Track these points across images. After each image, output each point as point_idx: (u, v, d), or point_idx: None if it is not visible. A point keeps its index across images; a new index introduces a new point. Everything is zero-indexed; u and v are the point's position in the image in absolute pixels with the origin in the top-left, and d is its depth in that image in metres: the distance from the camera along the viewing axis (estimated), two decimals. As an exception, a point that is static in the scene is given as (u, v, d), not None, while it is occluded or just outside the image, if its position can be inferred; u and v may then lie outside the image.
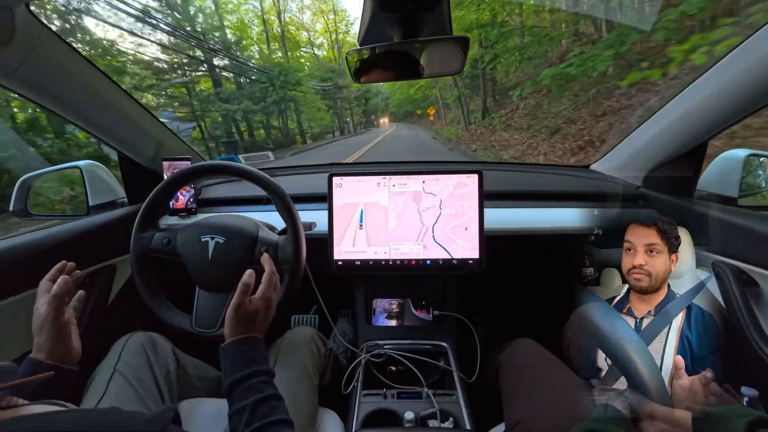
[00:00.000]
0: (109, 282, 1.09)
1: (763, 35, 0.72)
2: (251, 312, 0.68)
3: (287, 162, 7.18)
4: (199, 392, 0.92)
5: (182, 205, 1.22)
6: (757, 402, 0.71)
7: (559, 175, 1.40)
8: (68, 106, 0.93)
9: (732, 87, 0.81)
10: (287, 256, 0.83)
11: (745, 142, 2.74)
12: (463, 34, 0.71)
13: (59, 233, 0.97)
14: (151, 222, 0.88)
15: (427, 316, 1.20)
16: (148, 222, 0.87)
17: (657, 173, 1.12)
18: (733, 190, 0.98)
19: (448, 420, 0.89)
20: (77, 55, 0.86)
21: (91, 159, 1.24)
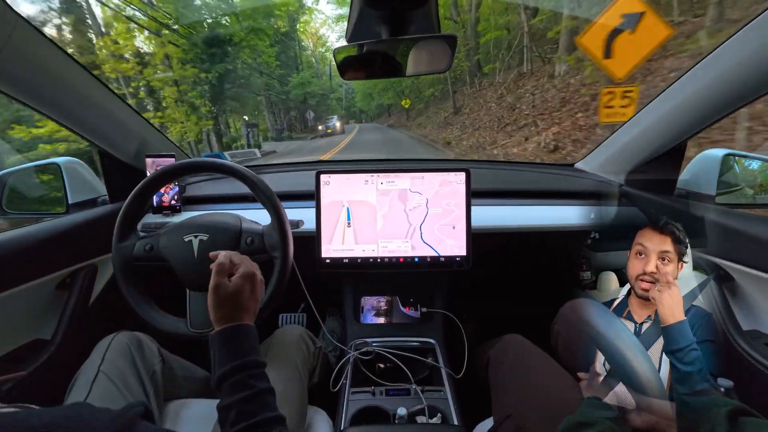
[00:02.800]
0: (90, 282, 1.06)
1: (734, 43, 0.75)
2: (232, 291, 0.63)
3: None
4: (186, 393, 0.90)
5: (166, 203, 1.19)
6: (732, 392, 0.74)
7: (544, 174, 1.42)
8: (45, 101, 0.90)
9: (707, 91, 0.84)
10: (274, 242, 0.82)
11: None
12: (451, 33, 0.72)
13: (37, 232, 0.94)
14: (131, 229, 0.84)
15: (415, 313, 1.21)
16: (128, 229, 0.84)
17: (639, 172, 1.15)
18: (711, 188, 1.00)
19: (436, 416, 0.90)
20: (55, 47, 0.83)
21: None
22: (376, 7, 0.64)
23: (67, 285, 1.01)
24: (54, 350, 0.93)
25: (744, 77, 0.75)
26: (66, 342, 0.96)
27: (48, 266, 0.95)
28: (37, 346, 0.93)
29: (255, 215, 0.96)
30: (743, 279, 0.87)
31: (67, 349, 0.94)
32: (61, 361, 0.91)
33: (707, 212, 0.94)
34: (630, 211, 1.15)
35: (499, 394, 0.88)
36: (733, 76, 0.77)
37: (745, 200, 1.11)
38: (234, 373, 0.57)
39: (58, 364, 0.91)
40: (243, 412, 0.54)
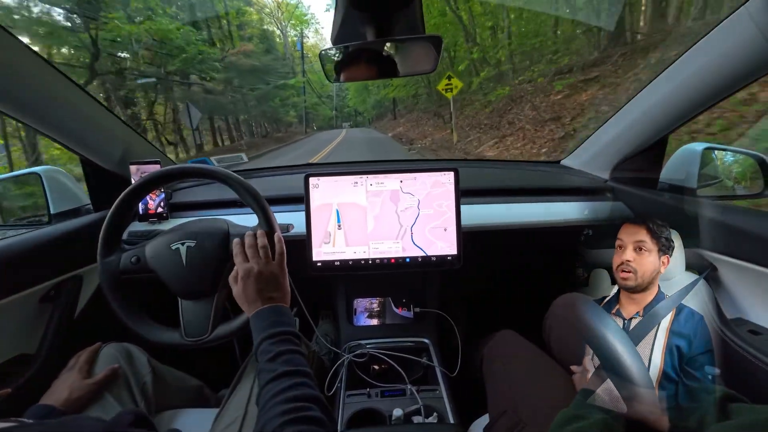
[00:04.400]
0: (75, 293, 1.04)
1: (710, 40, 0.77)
2: (269, 275, 0.70)
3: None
4: (179, 402, 0.89)
5: (153, 210, 1.17)
6: (719, 379, 0.76)
7: (531, 171, 1.44)
8: (22, 108, 0.87)
9: (686, 87, 0.86)
10: (263, 242, 0.81)
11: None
12: (436, 33, 0.72)
13: (19, 244, 0.91)
14: (116, 241, 0.82)
15: (408, 313, 1.21)
16: (113, 242, 0.82)
17: (623, 167, 1.18)
18: (692, 181, 1.03)
19: (432, 415, 0.90)
20: (30, 52, 0.81)
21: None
22: (361, 8, 0.64)
23: (51, 297, 0.98)
24: (39, 365, 0.91)
25: (723, 72, 0.78)
26: (51, 356, 0.93)
27: (31, 279, 0.92)
28: (22, 361, 0.91)
29: (244, 220, 0.95)
30: (726, 269, 0.90)
31: (52, 363, 0.92)
32: (46, 375, 0.89)
33: (689, 205, 0.97)
34: (616, 206, 1.17)
35: (493, 391, 0.88)
36: (710, 73, 0.80)
37: (725, 192, 1.14)
38: (274, 336, 0.61)
39: (43, 379, 0.89)
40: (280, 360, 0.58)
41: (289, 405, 0.50)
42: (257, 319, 0.65)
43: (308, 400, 0.52)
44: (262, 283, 0.68)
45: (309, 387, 0.55)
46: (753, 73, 0.74)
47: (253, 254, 0.71)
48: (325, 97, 31.13)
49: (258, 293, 0.67)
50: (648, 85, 0.97)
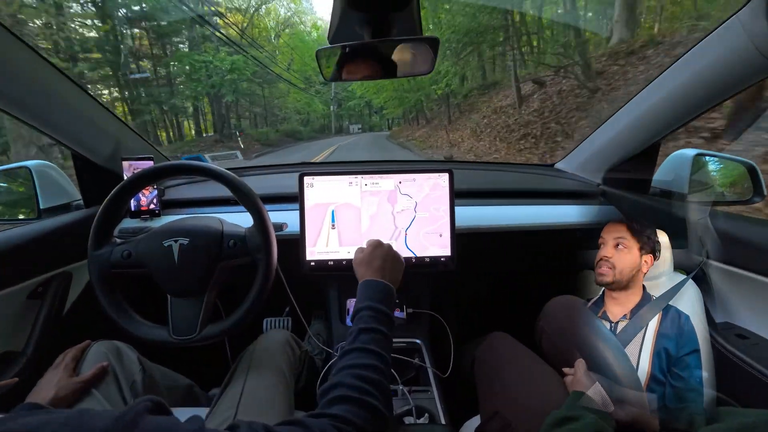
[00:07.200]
0: (64, 290, 1.02)
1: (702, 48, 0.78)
2: (398, 262, 0.77)
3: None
4: (169, 402, 0.87)
5: (145, 207, 1.16)
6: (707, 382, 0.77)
7: (525, 174, 1.45)
8: (11, 101, 0.86)
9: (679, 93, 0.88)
10: (257, 244, 0.80)
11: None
12: (433, 35, 0.72)
13: (7, 239, 0.90)
14: (107, 235, 0.81)
15: (401, 314, 1.21)
16: (104, 236, 0.80)
17: (615, 171, 1.19)
18: (683, 186, 1.04)
19: (423, 416, 0.90)
20: (20, 43, 0.79)
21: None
22: (358, 8, 0.64)
23: (39, 294, 0.96)
24: (25, 362, 0.89)
25: (714, 79, 0.79)
26: (38, 353, 0.92)
27: (19, 275, 0.91)
28: (8, 359, 0.89)
29: (237, 218, 0.94)
30: (714, 273, 0.91)
31: (39, 360, 0.90)
32: (33, 373, 0.87)
33: (680, 209, 0.98)
34: (607, 210, 1.19)
35: (485, 392, 0.89)
36: (701, 80, 0.81)
37: (715, 197, 1.15)
38: (370, 309, 0.65)
39: (30, 377, 0.87)
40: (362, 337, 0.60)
41: (358, 383, 0.51)
42: (368, 287, 0.69)
43: (377, 388, 0.53)
44: (389, 262, 0.75)
45: (384, 376, 0.56)
46: (743, 81, 0.75)
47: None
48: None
49: (382, 266, 0.74)
50: (642, 91, 0.98)
